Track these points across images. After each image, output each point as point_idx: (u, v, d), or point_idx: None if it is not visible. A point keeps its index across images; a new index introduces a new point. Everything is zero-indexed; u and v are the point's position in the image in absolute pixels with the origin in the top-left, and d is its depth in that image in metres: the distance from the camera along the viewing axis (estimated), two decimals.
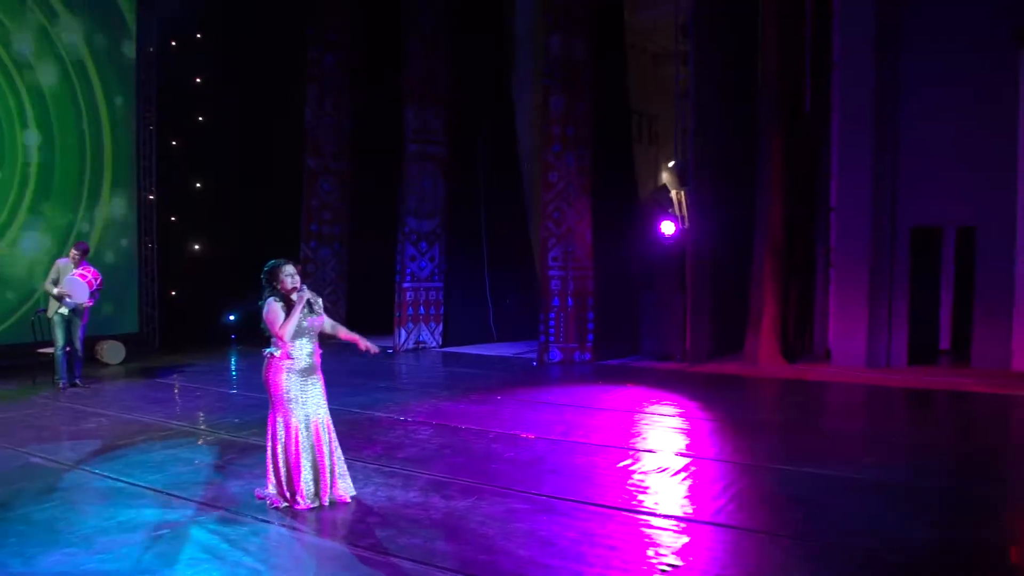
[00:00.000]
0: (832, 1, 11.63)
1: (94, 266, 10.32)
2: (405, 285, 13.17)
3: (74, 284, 9.89)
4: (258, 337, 15.21)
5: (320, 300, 5.73)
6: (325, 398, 5.70)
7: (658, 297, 11.78)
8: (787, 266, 11.51)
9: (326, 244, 14.71)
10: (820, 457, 6.85)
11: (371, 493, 5.85)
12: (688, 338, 11.41)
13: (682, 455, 6.87)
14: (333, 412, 7.32)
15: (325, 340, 5.84)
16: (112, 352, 12.13)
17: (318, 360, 5.69)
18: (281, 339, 5.46)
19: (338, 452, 5.69)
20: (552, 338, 11.73)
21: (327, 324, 5.80)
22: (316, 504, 5.46)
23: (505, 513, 5.43)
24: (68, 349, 9.97)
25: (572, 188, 11.60)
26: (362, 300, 14.96)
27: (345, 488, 5.67)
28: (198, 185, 14.93)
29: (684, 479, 6.20)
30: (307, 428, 5.51)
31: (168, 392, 10.04)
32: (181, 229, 14.70)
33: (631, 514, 5.42)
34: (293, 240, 14.61)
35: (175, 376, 11.15)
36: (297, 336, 5.53)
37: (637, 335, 12.00)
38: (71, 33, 12.66)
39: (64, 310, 9.87)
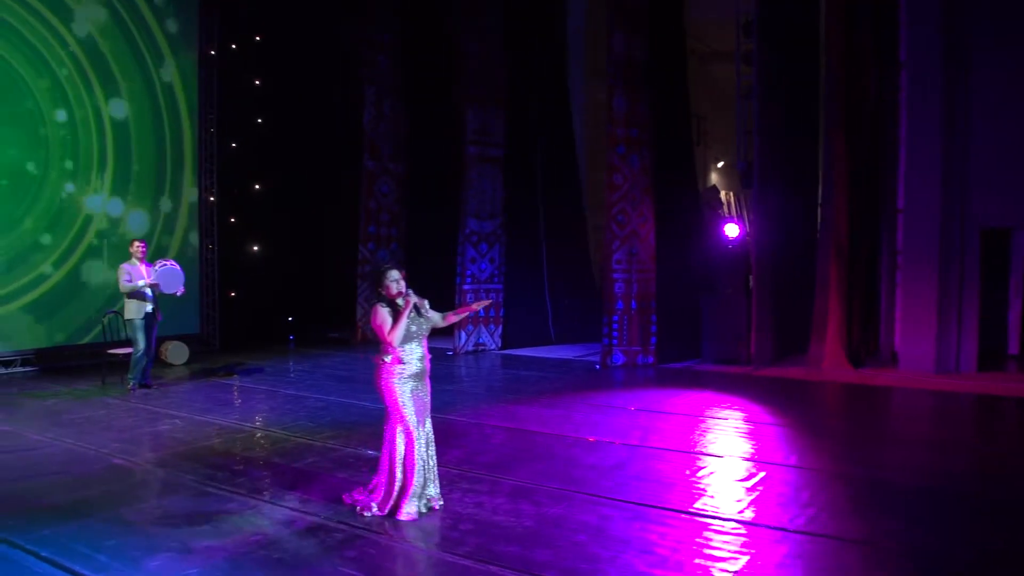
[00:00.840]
0: None
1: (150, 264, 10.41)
2: (465, 287, 13.14)
3: (165, 275, 10.01)
4: (316, 338, 15.33)
5: (427, 302, 5.65)
6: (430, 404, 5.66)
7: (721, 299, 11.62)
8: (852, 268, 11.29)
9: (383, 245, 14.74)
10: (895, 464, 6.78)
11: (458, 499, 5.80)
12: (752, 341, 11.24)
13: (759, 462, 6.76)
14: None
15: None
16: (176, 353, 12.25)
17: (428, 365, 5.63)
18: (390, 345, 5.41)
19: (435, 459, 5.65)
20: (615, 341, 11.62)
21: (437, 320, 5.74)
22: (420, 515, 5.39)
23: (598, 521, 5.36)
24: (145, 349, 10.06)
25: (636, 190, 11.49)
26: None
27: (436, 495, 5.64)
28: (257, 186, 15.04)
29: (768, 487, 6.09)
30: (418, 436, 5.47)
31: (236, 393, 10.09)
32: (240, 230, 14.81)
33: (719, 521, 5.34)
34: (351, 241, 14.64)
35: (240, 378, 11.21)
36: (406, 340, 5.47)
37: (699, 338, 11.85)
38: (137, 37, 12.82)
39: (148, 308, 9.97)
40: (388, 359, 5.50)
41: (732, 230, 11.50)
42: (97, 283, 12.30)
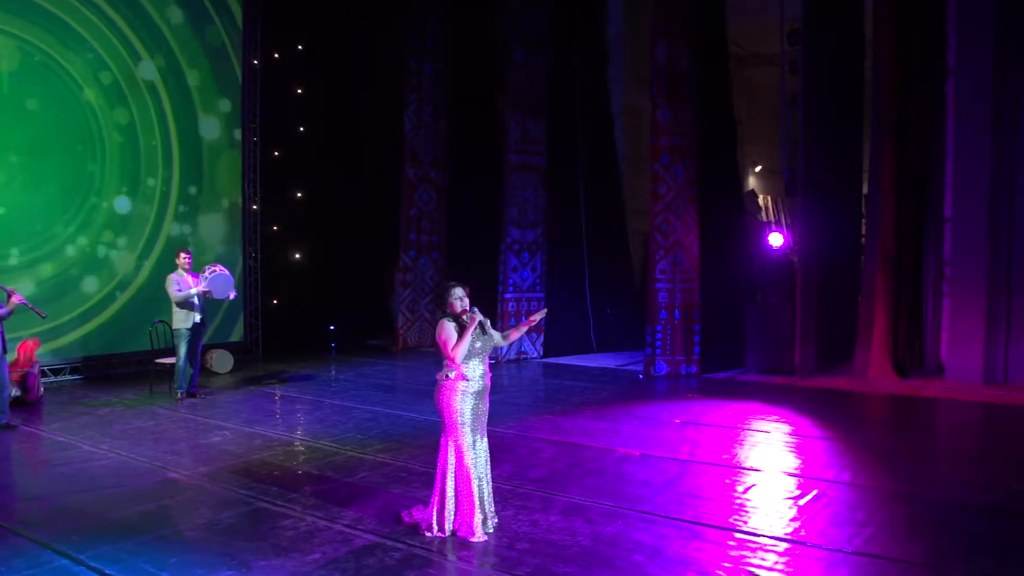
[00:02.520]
0: (947, 6, 11.23)
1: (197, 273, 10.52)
2: (507, 295, 13.15)
3: (217, 280, 10.12)
4: (356, 345, 15.39)
5: (488, 320, 5.66)
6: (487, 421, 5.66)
7: (765, 309, 11.53)
8: (898, 277, 11.15)
9: (425, 253, 14.79)
10: (949, 481, 6.69)
11: (512, 516, 5.80)
12: (797, 351, 11.14)
13: (809, 478, 6.68)
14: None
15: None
16: (221, 361, 12.38)
17: (489, 382, 5.64)
18: (453, 360, 5.43)
19: (490, 476, 5.65)
20: (659, 351, 11.57)
21: (499, 338, 5.75)
22: (484, 536, 5.36)
23: (655, 540, 5.33)
24: (190, 358, 10.19)
25: (679, 199, 11.43)
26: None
27: (492, 512, 5.63)
28: (299, 194, 15.17)
29: (822, 505, 6.02)
30: (476, 453, 5.47)
31: (282, 404, 10.17)
32: (282, 239, 14.95)
33: (778, 541, 5.28)
34: (392, 249, 14.71)
35: (285, 387, 11.30)
36: (469, 357, 5.48)
37: (742, 347, 11.76)
38: (181, 47, 13.00)
39: (197, 318, 10.09)
40: (452, 375, 5.50)
41: (776, 239, 11.41)
42: (143, 292, 12.46)
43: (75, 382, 11.71)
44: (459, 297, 5.51)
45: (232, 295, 10.48)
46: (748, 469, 7.00)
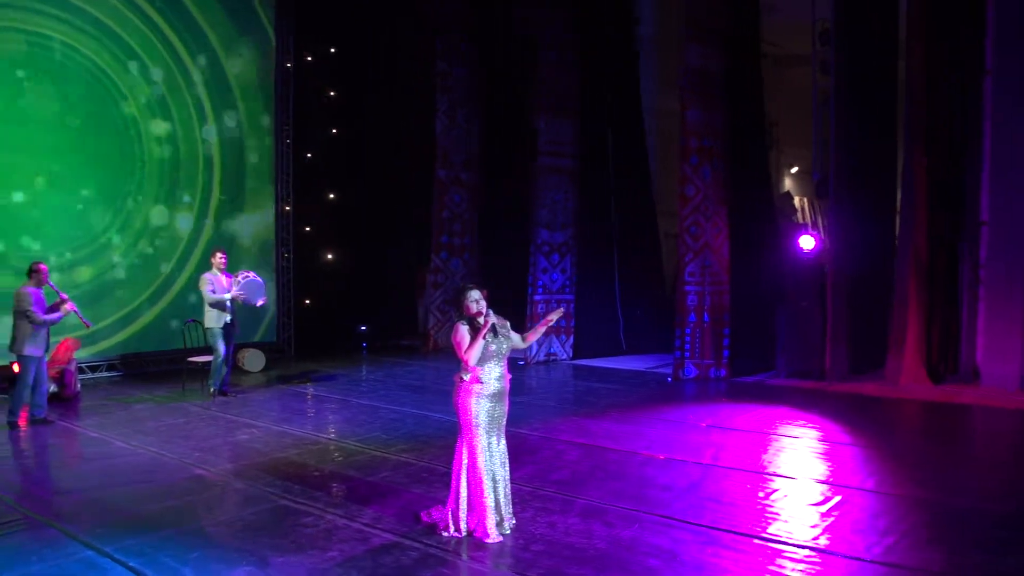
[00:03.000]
0: (985, 5, 11.02)
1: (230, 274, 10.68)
2: (537, 297, 13.17)
3: (249, 286, 10.28)
4: (389, 346, 15.46)
5: (508, 323, 5.68)
6: (505, 423, 5.67)
7: (795, 313, 11.40)
8: (932, 281, 10.96)
9: (456, 255, 14.86)
10: (979, 489, 6.55)
11: (531, 518, 5.81)
12: (827, 355, 11.00)
13: (834, 484, 6.60)
14: None
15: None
16: (253, 360, 12.55)
17: (507, 385, 5.65)
18: (466, 363, 5.46)
19: (508, 478, 5.67)
20: (687, 354, 11.50)
21: (518, 341, 5.77)
22: (500, 537, 5.40)
23: (671, 544, 5.31)
24: (225, 357, 10.33)
25: (709, 201, 11.36)
26: (493, 310, 15.02)
27: (509, 513, 5.65)
28: (331, 196, 15.33)
29: (844, 512, 5.95)
30: (490, 455, 5.50)
31: (311, 403, 10.29)
32: (315, 240, 15.12)
33: (797, 548, 5.23)
34: (424, 251, 14.80)
35: (314, 386, 11.43)
36: (484, 360, 5.51)
37: (772, 351, 11.65)
38: (214, 50, 13.22)
39: (228, 318, 10.25)
40: (467, 377, 5.54)
41: (807, 242, 11.29)
42: (179, 291, 12.69)
43: (112, 379, 11.96)
44: (475, 299, 5.51)
45: (262, 302, 10.59)
46: (772, 474, 6.94)
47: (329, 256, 15.38)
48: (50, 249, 11.37)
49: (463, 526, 5.48)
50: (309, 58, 14.72)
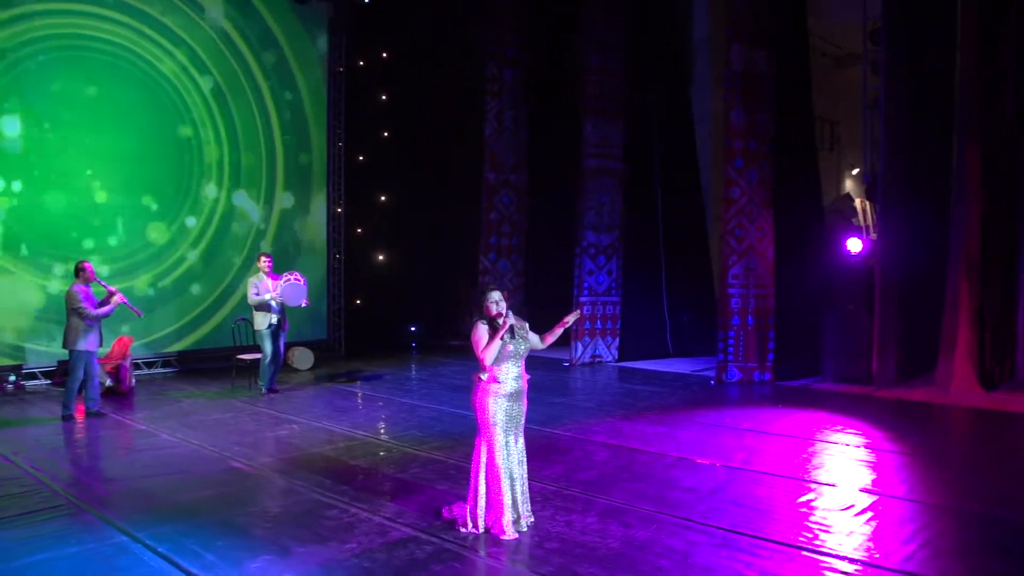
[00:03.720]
0: None
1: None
2: (582, 299, 13.20)
3: (289, 289, 10.55)
4: (438, 346, 15.64)
5: (526, 324, 5.77)
6: (524, 422, 5.76)
7: (842, 316, 11.21)
8: (985, 285, 10.65)
9: (504, 256, 14.98)
10: (1015, 498, 6.36)
11: (550, 517, 5.87)
12: (874, 360, 10.78)
13: (867, 491, 6.50)
14: None
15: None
16: (302, 359, 12.85)
17: (525, 385, 5.73)
18: (483, 362, 5.56)
19: (526, 477, 5.75)
20: (731, 357, 11.40)
21: (536, 342, 5.84)
22: (516, 534, 5.48)
23: (685, 546, 5.31)
24: (273, 356, 10.61)
25: (754, 203, 11.24)
26: (539, 311, 15.09)
27: (527, 512, 5.72)
28: (383, 198, 15.60)
29: (870, 519, 5.85)
30: (508, 453, 5.59)
31: (353, 401, 10.50)
32: (366, 241, 15.41)
33: (811, 555, 5.18)
34: (472, 251, 14.95)
35: (359, 385, 11.66)
36: (502, 360, 5.60)
37: (818, 355, 11.47)
38: (269, 56, 13.62)
39: (274, 319, 10.53)
40: (484, 377, 5.63)
41: (855, 244, 11.08)
42: (231, 291, 13.10)
43: (166, 375, 12.39)
44: (495, 301, 5.60)
45: (304, 303, 10.80)
46: (802, 479, 6.86)
47: (380, 257, 15.65)
48: (110, 254, 11.87)
49: (481, 523, 5.57)
50: (362, 63, 15.01)
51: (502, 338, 5.54)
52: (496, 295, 5.66)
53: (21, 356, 11.14)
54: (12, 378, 11.01)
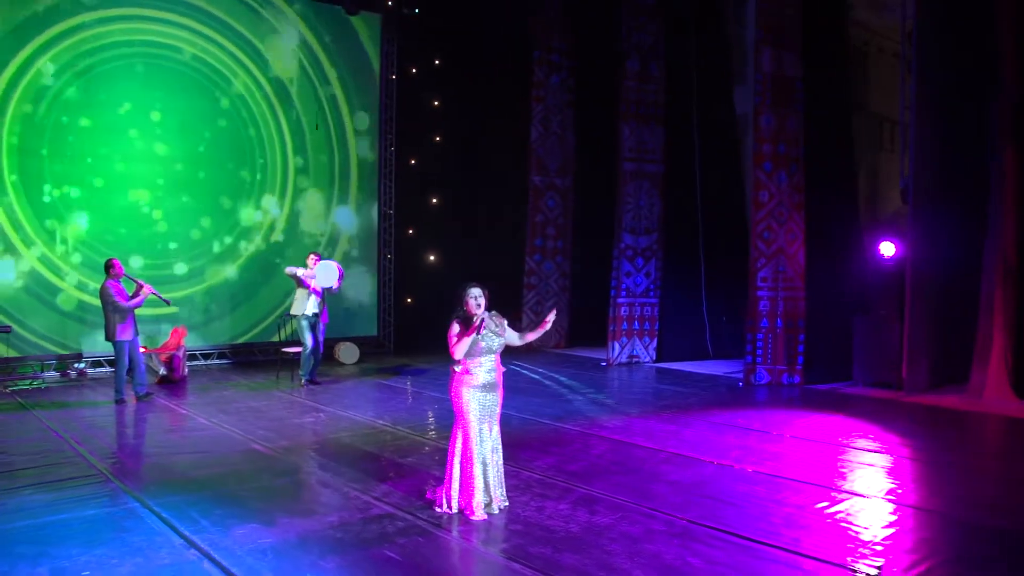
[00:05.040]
0: None
1: None
2: (620, 300, 13.44)
3: (323, 268, 11.15)
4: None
5: (504, 322, 6.14)
6: (499, 412, 6.13)
7: (874, 321, 11.16)
8: (1021, 291, 10.45)
9: (549, 258, 15.33)
10: None
11: (525, 502, 6.21)
12: (904, 365, 10.70)
13: (848, 492, 6.59)
14: (524, 423, 8.04)
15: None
16: (347, 353, 13.47)
17: (499, 378, 6.13)
18: (452, 355, 5.95)
19: (501, 463, 6.11)
20: (759, 359, 11.48)
21: (513, 338, 6.22)
22: (485, 515, 5.85)
23: (641, 533, 5.57)
24: (312, 348, 11.23)
25: (784, 207, 11.30)
26: (583, 312, 15.45)
27: (501, 496, 6.08)
28: (434, 200, 16.16)
29: (840, 519, 5.96)
30: (481, 440, 5.96)
31: (387, 393, 11.02)
32: (417, 241, 15.99)
33: (765, 546, 5.35)
34: (518, 252, 15.35)
35: (398, 379, 12.18)
36: (478, 354, 5.99)
37: (850, 359, 11.43)
38: (324, 64, 14.33)
39: (314, 310, 11.13)
40: (458, 369, 6.03)
41: (888, 249, 11.03)
42: (283, 288, 13.82)
43: (221, 366, 13.20)
44: (474, 297, 5.97)
45: (335, 286, 11.28)
46: (785, 478, 6.97)
47: (431, 257, 16.19)
48: (167, 246, 12.72)
49: (455, 504, 5.96)
50: (414, 70, 15.61)
51: (478, 334, 5.90)
52: (476, 291, 6.02)
53: (88, 345, 12.06)
54: (79, 365, 11.94)
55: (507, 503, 6.11)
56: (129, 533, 5.55)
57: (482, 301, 6.00)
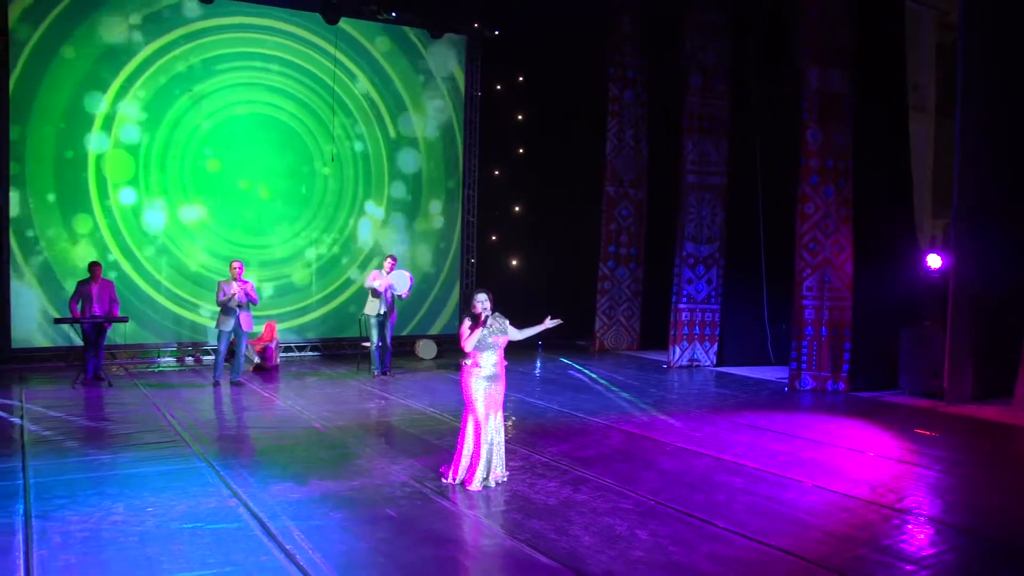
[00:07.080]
0: None
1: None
2: (681, 306, 14.09)
3: (397, 275, 12.40)
4: (563, 345, 16.77)
5: (506, 321, 7.14)
6: (503, 400, 7.10)
7: (919, 331, 11.42)
8: None
9: (622, 264, 16.09)
10: None
11: (522, 479, 7.14)
12: (945, 376, 10.91)
13: (830, 490, 7.04)
14: (559, 415, 9.26)
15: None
16: (426, 349, 14.68)
17: (501, 370, 7.11)
18: (463, 349, 6.96)
19: (502, 443, 7.06)
20: (804, 365, 11.91)
21: (514, 335, 7.21)
22: (481, 487, 6.82)
23: (607, 508, 6.38)
24: (380, 344, 12.48)
25: (830, 219, 11.69)
26: (654, 317, 16.08)
27: (501, 472, 7.03)
28: (516, 209, 17.25)
29: (806, 513, 6.49)
30: (486, 424, 6.94)
31: (448, 386, 12.02)
32: (500, 247, 17.11)
33: (716, 528, 5.98)
34: (593, 259, 16.17)
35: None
36: (484, 349, 6.99)
37: (897, 369, 11.69)
38: (414, 82, 15.68)
39: (382, 310, 12.38)
40: (468, 362, 7.03)
41: (935, 260, 11.28)
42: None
43: (312, 358, 14.67)
44: (480, 301, 7.01)
45: (405, 293, 12.54)
46: (775, 473, 7.47)
47: (513, 263, 17.26)
48: (265, 251, 14.31)
49: (459, 476, 6.98)
50: (499, 87, 16.76)
51: (484, 327, 6.90)
52: (482, 296, 7.06)
53: (203, 335, 13.75)
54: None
55: (506, 478, 7.05)
56: (190, 484, 6.84)
57: (487, 304, 6.99)
